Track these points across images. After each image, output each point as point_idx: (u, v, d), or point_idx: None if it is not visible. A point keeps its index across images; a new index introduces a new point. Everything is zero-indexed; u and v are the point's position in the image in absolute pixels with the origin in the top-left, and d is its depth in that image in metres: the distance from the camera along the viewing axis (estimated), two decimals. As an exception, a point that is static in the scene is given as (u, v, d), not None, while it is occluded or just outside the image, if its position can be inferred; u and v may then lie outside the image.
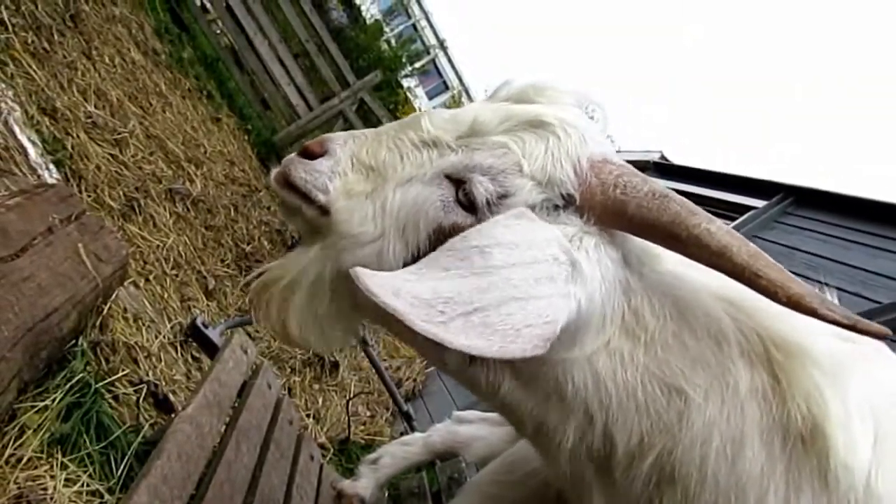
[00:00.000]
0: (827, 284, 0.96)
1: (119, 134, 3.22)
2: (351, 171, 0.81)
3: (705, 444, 0.71)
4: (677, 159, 5.82)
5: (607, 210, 0.72)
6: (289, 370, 3.39)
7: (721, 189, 4.72)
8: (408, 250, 0.77)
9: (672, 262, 0.79)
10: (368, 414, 3.68)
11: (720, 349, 0.73)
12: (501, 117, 0.77)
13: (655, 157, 5.68)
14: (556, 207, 0.74)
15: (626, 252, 0.76)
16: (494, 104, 0.81)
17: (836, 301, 0.93)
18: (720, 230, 0.68)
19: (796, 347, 0.73)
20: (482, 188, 0.74)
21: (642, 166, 5.70)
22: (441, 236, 0.75)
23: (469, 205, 0.74)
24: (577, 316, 0.68)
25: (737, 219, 4.28)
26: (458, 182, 0.76)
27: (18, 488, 1.41)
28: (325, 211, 0.80)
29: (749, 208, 4.32)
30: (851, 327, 0.63)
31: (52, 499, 1.45)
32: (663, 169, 5.55)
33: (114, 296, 2.08)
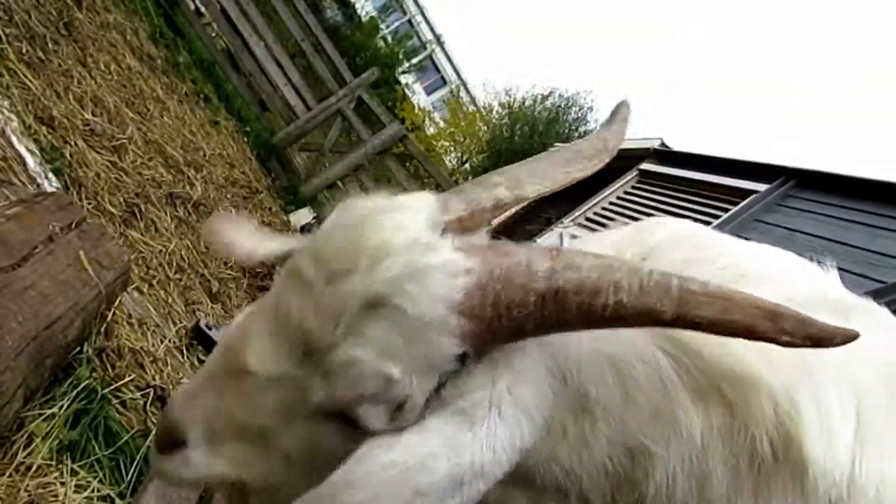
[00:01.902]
0: (831, 265, 0.95)
1: (117, 140, 3.23)
2: (224, 447, 0.73)
3: (671, 486, 0.70)
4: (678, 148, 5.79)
5: (507, 339, 0.65)
6: (295, 370, 3.40)
7: (722, 174, 4.70)
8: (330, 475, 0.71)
9: None
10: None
11: (667, 394, 0.69)
12: (332, 317, 0.63)
13: (655, 145, 5.66)
14: (457, 372, 0.65)
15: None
16: (315, 292, 0.65)
17: (839, 282, 0.91)
18: (632, 294, 0.60)
19: (749, 372, 0.69)
20: (369, 416, 0.64)
21: (642, 154, 5.68)
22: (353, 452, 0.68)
23: (370, 429, 0.65)
24: (489, 476, 0.63)
25: (739, 203, 4.27)
26: (341, 414, 0.66)
27: (29, 496, 1.42)
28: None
29: (751, 192, 4.30)
30: (813, 344, 0.58)
31: (62, 505, 1.46)
32: (664, 156, 5.53)
33: (117, 302, 2.09)
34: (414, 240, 0.65)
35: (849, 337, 0.58)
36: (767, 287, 0.98)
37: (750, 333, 0.58)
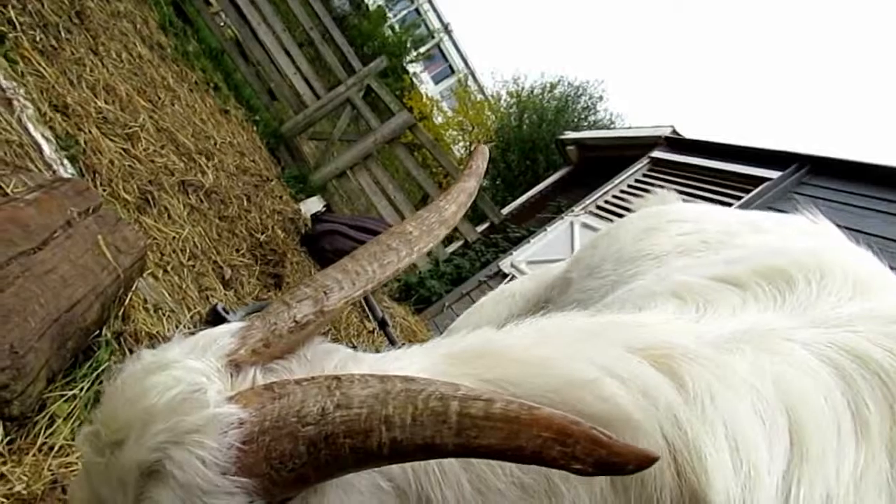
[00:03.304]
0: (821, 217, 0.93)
1: (130, 128, 3.25)
2: None
3: None
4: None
5: (298, 489, 0.58)
6: (307, 356, 3.42)
7: (735, 162, 4.67)
8: None
9: None
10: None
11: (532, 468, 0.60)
12: (120, 488, 0.61)
13: (667, 132, 5.62)
14: None
15: None
16: (100, 465, 0.64)
17: (834, 234, 0.89)
18: (406, 429, 0.52)
19: (617, 413, 0.59)
20: None
21: (653, 142, 5.64)
22: None
23: None
24: None
25: (752, 191, 4.24)
26: None
27: (52, 475, 1.44)
28: None
29: (764, 180, 4.27)
30: (603, 472, 0.48)
31: (85, 484, 1.49)
32: (675, 143, 5.49)
33: (134, 287, 2.11)
34: (182, 399, 0.60)
35: (643, 462, 0.47)
36: (716, 256, 0.97)
37: (541, 461, 0.49)
